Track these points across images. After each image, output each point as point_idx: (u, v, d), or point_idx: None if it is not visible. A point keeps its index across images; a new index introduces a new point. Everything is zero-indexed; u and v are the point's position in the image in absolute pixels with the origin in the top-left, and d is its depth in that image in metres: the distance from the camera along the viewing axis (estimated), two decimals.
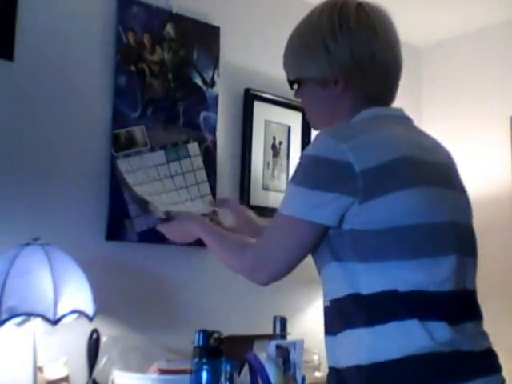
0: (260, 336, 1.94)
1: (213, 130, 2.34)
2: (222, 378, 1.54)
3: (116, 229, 2.06)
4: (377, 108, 1.34)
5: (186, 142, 2.20)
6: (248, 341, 1.97)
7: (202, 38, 2.34)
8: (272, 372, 1.48)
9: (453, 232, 1.26)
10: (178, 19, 2.27)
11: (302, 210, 1.24)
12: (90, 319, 1.71)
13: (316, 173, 1.23)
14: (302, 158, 1.29)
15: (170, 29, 2.25)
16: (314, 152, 1.24)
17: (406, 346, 1.17)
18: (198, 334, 1.61)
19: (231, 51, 2.42)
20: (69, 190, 1.97)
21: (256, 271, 1.32)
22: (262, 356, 1.62)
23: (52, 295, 1.61)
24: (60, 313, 1.62)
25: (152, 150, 2.11)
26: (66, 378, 1.79)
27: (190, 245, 2.19)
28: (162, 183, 1.91)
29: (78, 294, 1.69)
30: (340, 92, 1.34)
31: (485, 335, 1.28)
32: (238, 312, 2.23)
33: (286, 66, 1.41)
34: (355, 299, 1.22)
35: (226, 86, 2.41)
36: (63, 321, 1.63)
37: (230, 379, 1.54)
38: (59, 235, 1.87)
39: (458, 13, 2.88)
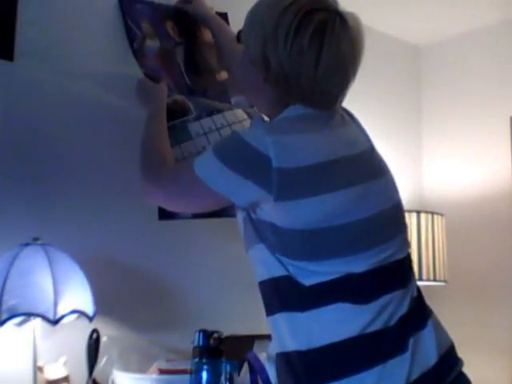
0: (260, 336, 1.94)
1: None
2: (222, 378, 1.54)
3: None
4: (303, 107, 1.32)
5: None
6: (248, 341, 1.97)
7: None
8: (272, 372, 1.48)
9: (377, 223, 1.28)
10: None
11: (215, 181, 1.30)
12: (90, 319, 1.71)
13: (237, 155, 1.28)
14: (233, 133, 1.34)
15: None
16: (244, 135, 1.28)
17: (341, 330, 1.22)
18: (198, 334, 1.61)
19: None
20: (71, 190, 1.97)
21: (153, 198, 1.51)
22: (262, 356, 1.62)
23: (52, 295, 1.61)
24: (60, 313, 1.62)
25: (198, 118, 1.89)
26: (65, 378, 1.79)
27: (189, 245, 2.21)
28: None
29: (78, 294, 1.69)
30: (262, 81, 1.34)
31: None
32: (238, 312, 2.22)
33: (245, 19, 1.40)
34: (290, 282, 1.26)
35: None
36: (63, 321, 1.63)
37: (230, 379, 1.54)
38: (60, 235, 1.87)
39: (458, 12, 2.88)
